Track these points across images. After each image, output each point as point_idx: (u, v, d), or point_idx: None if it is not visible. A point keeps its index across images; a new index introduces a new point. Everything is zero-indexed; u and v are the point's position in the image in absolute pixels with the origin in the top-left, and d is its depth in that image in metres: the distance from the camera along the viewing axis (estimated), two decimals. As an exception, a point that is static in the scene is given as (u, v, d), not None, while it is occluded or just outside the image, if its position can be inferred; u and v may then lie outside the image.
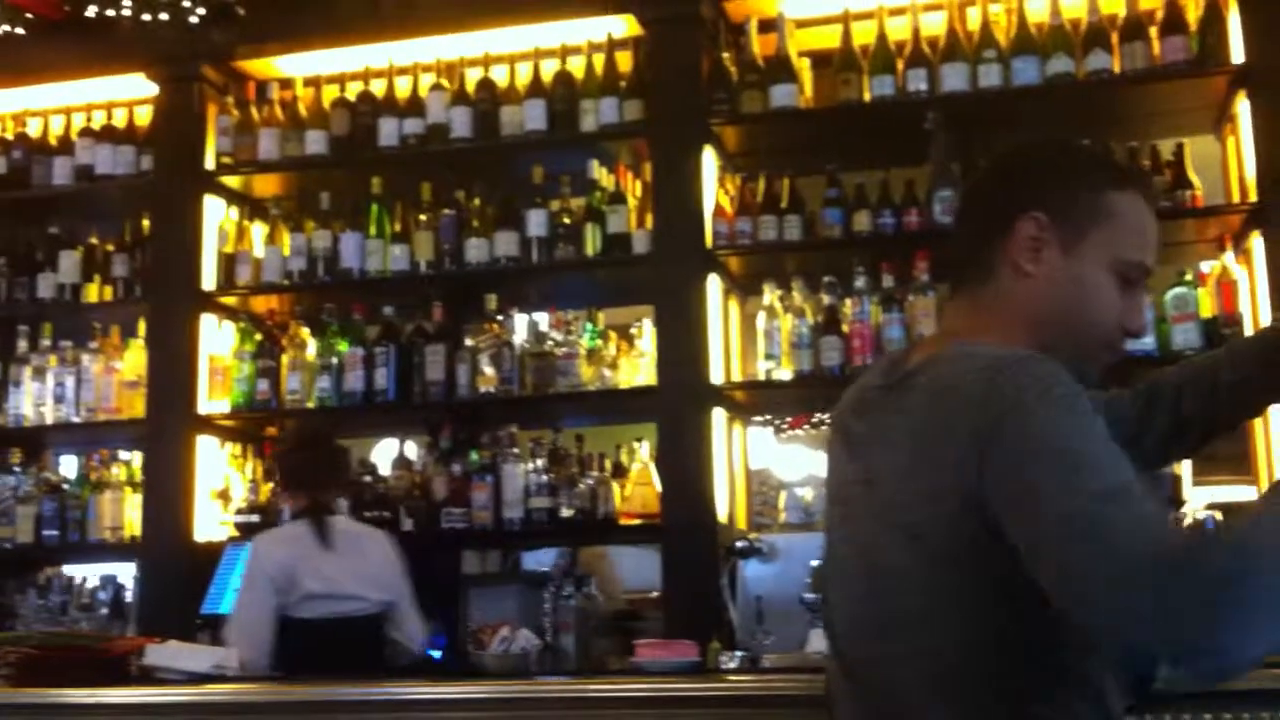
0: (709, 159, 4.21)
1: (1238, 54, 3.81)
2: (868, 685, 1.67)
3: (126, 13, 4.63)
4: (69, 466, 4.94)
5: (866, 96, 4.14)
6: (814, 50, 4.31)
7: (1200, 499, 2.98)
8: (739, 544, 3.69)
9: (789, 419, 4.62)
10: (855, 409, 1.78)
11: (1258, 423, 3.75)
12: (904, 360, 1.74)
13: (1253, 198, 3.72)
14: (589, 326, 4.32)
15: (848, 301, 4.07)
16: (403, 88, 4.61)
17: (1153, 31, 3.92)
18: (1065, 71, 3.97)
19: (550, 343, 4.29)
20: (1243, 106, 3.79)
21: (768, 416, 4.18)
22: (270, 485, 4.44)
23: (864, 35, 4.22)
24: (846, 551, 1.73)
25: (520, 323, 4.39)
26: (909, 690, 1.59)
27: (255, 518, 4.39)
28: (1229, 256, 3.77)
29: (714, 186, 4.22)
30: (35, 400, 4.71)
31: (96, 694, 2.81)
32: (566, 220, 4.33)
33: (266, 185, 4.72)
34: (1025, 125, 4.02)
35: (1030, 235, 1.68)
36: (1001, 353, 1.59)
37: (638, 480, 4.12)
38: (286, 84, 4.70)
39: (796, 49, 4.28)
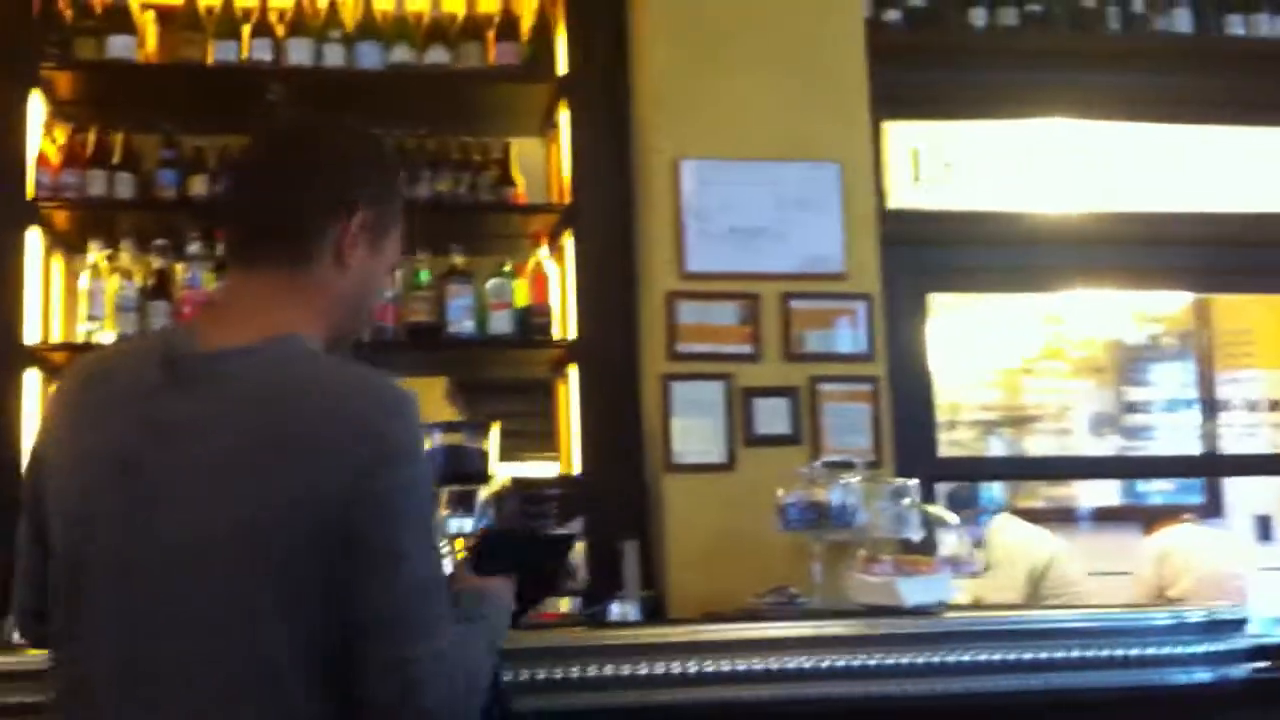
0: (36, 105, 3.92)
1: (563, 65, 4.15)
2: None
3: None
4: None
5: (209, 60, 4.04)
6: (159, 5, 4.14)
7: (506, 473, 3.23)
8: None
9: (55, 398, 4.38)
10: (145, 390, 1.64)
11: (563, 403, 4.13)
12: (194, 340, 1.68)
13: (568, 199, 4.07)
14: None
15: (179, 266, 3.96)
16: None
17: (489, 35, 4.16)
18: (406, 61, 4.10)
19: None
20: (565, 114, 4.13)
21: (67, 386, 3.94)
22: None
23: (211, -2, 4.12)
24: (134, 544, 1.59)
25: None
26: None
27: None
28: (544, 251, 4.09)
29: (39, 134, 3.93)
30: None
31: None
32: None
33: None
34: (367, 108, 4.11)
35: (359, 228, 1.75)
36: (377, 378, 1.66)
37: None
38: None
39: (138, 1, 4.09)
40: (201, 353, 1.65)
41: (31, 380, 3.81)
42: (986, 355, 6.52)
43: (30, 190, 3.85)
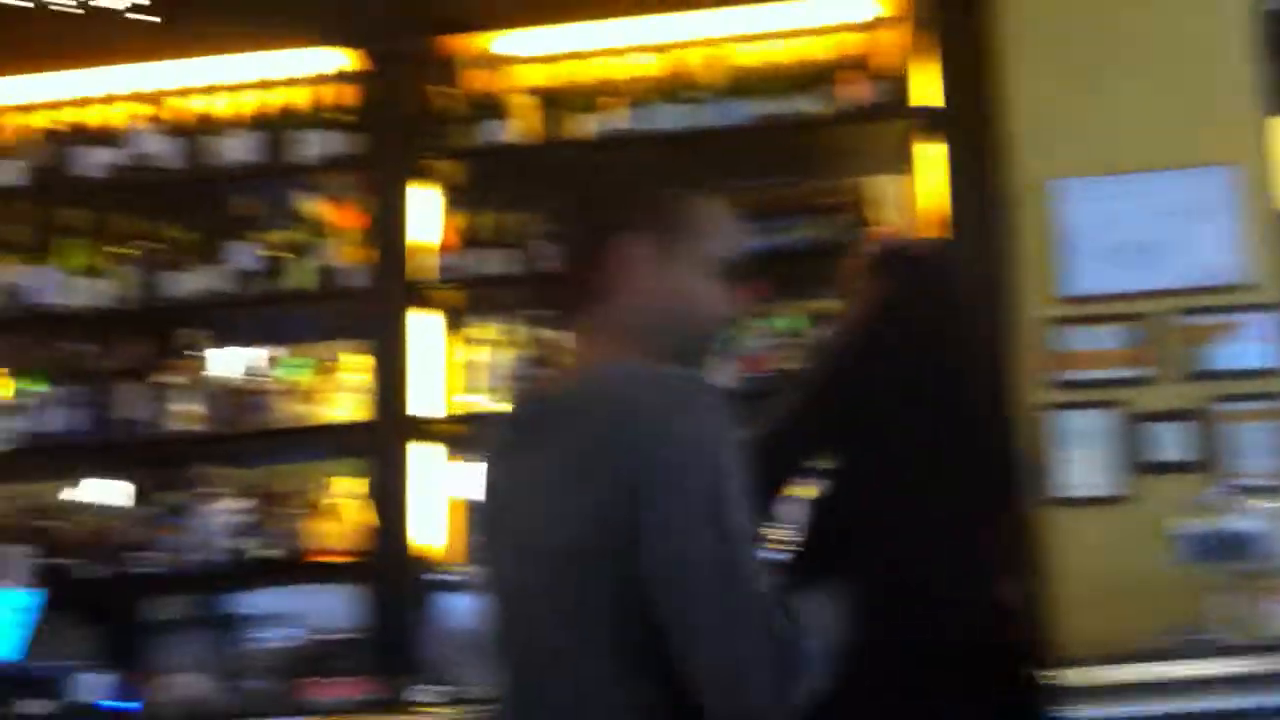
0: (424, 193, 4.18)
1: (920, 99, 3.99)
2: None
3: None
4: None
5: (583, 134, 4.16)
6: (535, 87, 4.32)
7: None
8: (442, 578, 3.62)
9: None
10: (508, 442, 1.78)
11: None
12: (545, 387, 1.81)
13: (927, 234, 3.87)
14: (297, 361, 4.20)
15: (562, 336, 4.07)
16: (105, 116, 4.43)
17: (841, 75, 4.06)
18: (772, 113, 4.07)
19: (253, 378, 4.15)
20: (924, 149, 3.96)
21: (480, 450, 4.12)
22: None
23: (582, 73, 4.27)
24: (510, 580, 1.74)
25: (223, 358, 4.24)
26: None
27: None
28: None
29: (430, 220, 4.18)
30: None
31: None
32: (276, 254, 4.21)
33: (-46, 216, 4.46)
34: (726, 165, 4.11)
35: (631, 251, 1.75)
36: (659, 376, 1.65)
37: (343, 517, 4.01)
38: (-19, 111, 4.46)
39: (513, 86, 4.29)
40: (535, 402, 1.79)
41: (432, 452, 4.00)
42: None
43: (422, 273, 4.08)
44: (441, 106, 4.21)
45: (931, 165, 3.97)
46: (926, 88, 4.01)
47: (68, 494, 4.49)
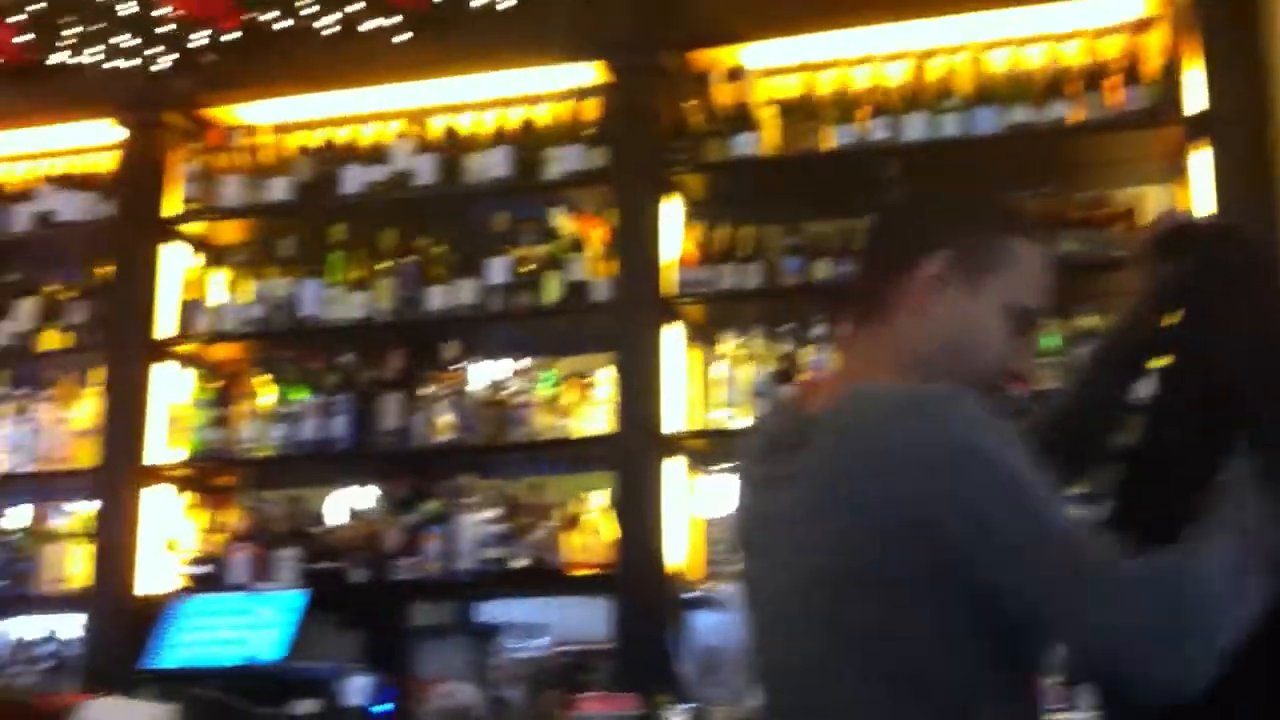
0: (670, 207, 4.19)
1: (1195, 104, 3.79)
2: None
3: (91, 60, 4.65)
4: (23, 517, 4.85)
5: (828, 145, 4.12)
6: (778, 99, 4.29)
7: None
8: (691, 594, 3.62)
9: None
10: (763, 456, 1.75)
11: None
12: (803, 404, 1.72)
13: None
14: (547, 375, 4.27)
15: (805, 350, 4.03)
16: (367, 135, 4.60)
17: (1107, 83, 3.90)
18: (1024, 121, 3.95)
19: (507, 391, 4.25)
20: (1199, 157, 3.76)
21: (726, 465, 4.12)
22: (223, 536, 4.36)
23: (828, 84, 4.23)
24: (767, 599, 1.71)
25: (478, 371, 4.34)
26: None
27: (206, 569, 4.31)
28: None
29: (675, 234, 4.19)
30: (-13, 449, 4.64)
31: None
32: (527, 268, 4.29)
33: (228, 232, 4.69)
34: (984, 175, 4.00)
35: (932, 274, 1.68)
36: (917, 389, 1.60)
37: (592, 530, 4.06)
38: (250, 131, 4.68)
39: (760, 98, 4.27)
40: (794, 419, 1.71)
41: (676, 467, 4.02)
42: None
43: (668, 287, 4.10)
44: (688, 120, 4.22)
45: (1201, 172, 3.77)
46: (1192, 91, 3.82)
47: (330, 500, 4.68)
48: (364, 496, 4.48)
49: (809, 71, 4.24)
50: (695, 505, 4.09)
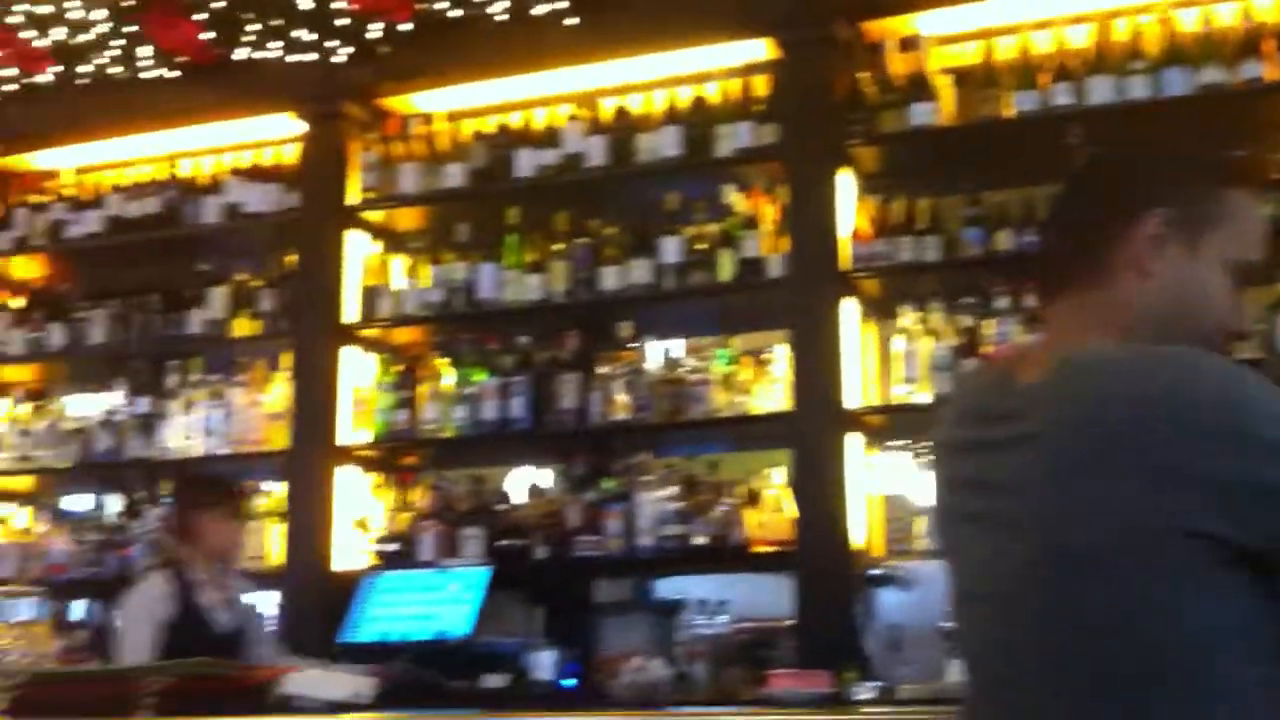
0: (845, 181, 4.14)
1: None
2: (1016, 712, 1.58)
3: (273, 54, 4.79)
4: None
5: (1008, 113, 4.03)
6: (955, 68, 4.21)
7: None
8: (875, 571, 3.58)
9: (926, 444, 4.48)
10: (971, 425, 1.68)
11: None
12: (1010, 373, 1.64)
13: None
14: (722, 352, 4.27)
15: (987, 323, 3.95)
16: (539, 119, 4.65)
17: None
18: (1216, 82, 3.80)
19: (683, 369, 4.26)
20: None
21: (905, 441, 4.06)
22: (410, 514, 4.47)
23: (1007, 51, 4.13)
24: (982, 569, 1.63)
25: (654, 350, 4.36)
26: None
27: (395, 546, 4.42)
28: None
29: (851, 208, 4.14)
30: (185, 433, 4.83)
31: (236, 722, 2.82)
32: (700, 246, 4.29)
33: (406, 219, 4.79)
34: (1172, 138, 3.85)
35: (1152, 234, 1.60)
36: (1159, 349, 1.52)
37: (771, 507, 4.04)
38: (427, 119, 4.77)
39: (936, 67, 4.19)
40: (998, 392, 1.64)
41: (855, 443, 3.98)
42: None
43: (844, 262, 4.05)
44: (862, 91, 4.16)
45: None
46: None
47: (510, 479, 4.76)
48: (543, 475, 4.54)
49: (987, 37, 4.13)
50: (875, 482, 4.05)
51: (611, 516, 4.16)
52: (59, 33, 4.93)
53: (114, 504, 4.99)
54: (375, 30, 4.66)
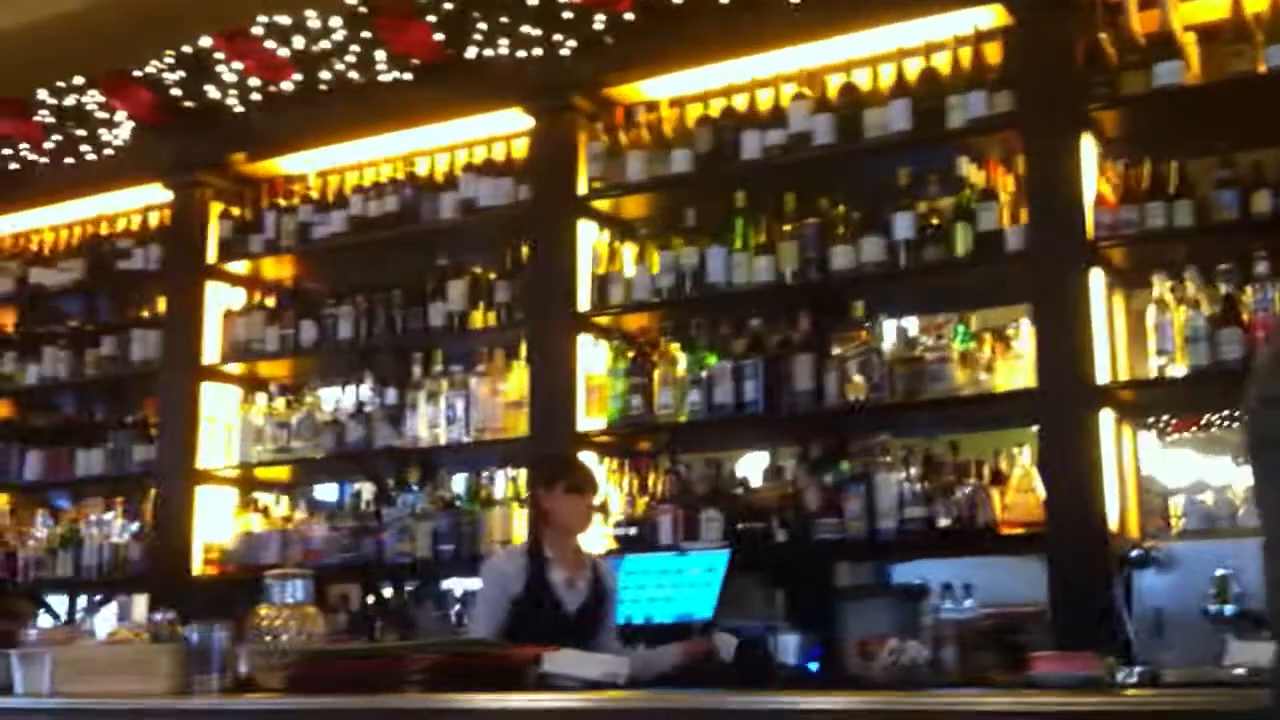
0: (1087, 147, 3.99)
1: None
2: None
3: (503, 51, 4.89)
4: (460, 484, 5.20)
5: (1261, 68, 3.81)
6: (1200, 24, 4.00)
7: None
8: (1135, 553, 3.44)
9: (1174, 422, 4.28)
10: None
11: None
12: None
13: None
14: (961, 329, 4.16)
15: (1247, 290, 3.75)
16: (764, 100, 4.62)
17: None
18: None
19: (920, 348, 4.17)
20: None
21: (1160, 418, 3.88)
22: (646, 499, 4.51)
23: (1256, 2, 3.90)
24: None
25: (888, 328, 4.29)
26: None
27: (633, 530, 4.47)
28: None
29: (1093, 175, 3.98)
30: (429, 423, 4.98)
31: (501, 699, 2.87)
32: (934, 221, 4.20)
33: (635, 206, 4.83)
34: None
35: None
36: None
37: (1018, 487, 3.92)
38: (652, 107, 4.79)
39: (1180, 23, 3.99)
40: None
41: (1105, 420, 3.83)
42: None
43: (1089, 231, 3.90)
44: (1102, 53, 3.99)
45: None
46: None
47: (746, 462, 4.76)
48: (779, 458, 4.51)
49: (1236, -12, 3.92)
50: (1128, 459, 3.89)
51: (851, 499, 4.11)
52: (299, 41, 5.15)
53: (366, 492, 5.18)
54: (599, 21, 4.70)
